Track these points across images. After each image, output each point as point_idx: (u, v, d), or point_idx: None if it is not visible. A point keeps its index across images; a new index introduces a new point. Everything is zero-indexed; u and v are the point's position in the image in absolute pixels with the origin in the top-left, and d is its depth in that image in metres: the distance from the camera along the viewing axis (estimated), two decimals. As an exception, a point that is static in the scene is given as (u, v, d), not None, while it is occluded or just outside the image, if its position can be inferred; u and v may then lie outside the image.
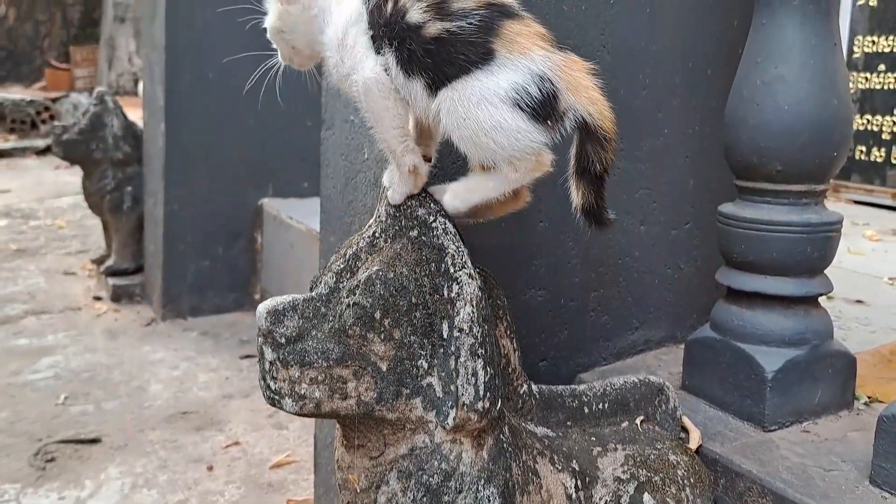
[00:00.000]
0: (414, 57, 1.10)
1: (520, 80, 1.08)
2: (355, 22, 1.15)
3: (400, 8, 1.12)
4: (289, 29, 1.23)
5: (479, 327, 1.11)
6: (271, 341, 1.08)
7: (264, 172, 3.69)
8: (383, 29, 1.12)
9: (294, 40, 1.24)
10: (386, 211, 1.17)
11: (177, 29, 3.42)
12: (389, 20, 1.12)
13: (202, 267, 3.64)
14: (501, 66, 1.08)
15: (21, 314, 3.59)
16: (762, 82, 1.41)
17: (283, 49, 1.26)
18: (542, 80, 1.09)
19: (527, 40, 1.10)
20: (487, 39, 1.09)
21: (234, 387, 2.88)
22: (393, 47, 1.11)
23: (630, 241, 1.74)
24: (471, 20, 1.09)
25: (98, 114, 3.85)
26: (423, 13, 1.10)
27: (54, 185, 6.66)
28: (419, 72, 1.11)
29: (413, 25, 1.10)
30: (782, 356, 1.43)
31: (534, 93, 1.08)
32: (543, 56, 1.10)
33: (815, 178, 1.42)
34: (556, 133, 1.12)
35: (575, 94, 1.11)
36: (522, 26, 1.12)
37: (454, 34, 1.09)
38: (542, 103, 1.09)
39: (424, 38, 1.10)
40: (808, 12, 1.38)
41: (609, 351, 1.76)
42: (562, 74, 1.10)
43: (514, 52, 1.09)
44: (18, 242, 4.83)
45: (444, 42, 1.09)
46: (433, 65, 1.10)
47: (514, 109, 1.08)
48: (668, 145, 1.76)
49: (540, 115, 1.09)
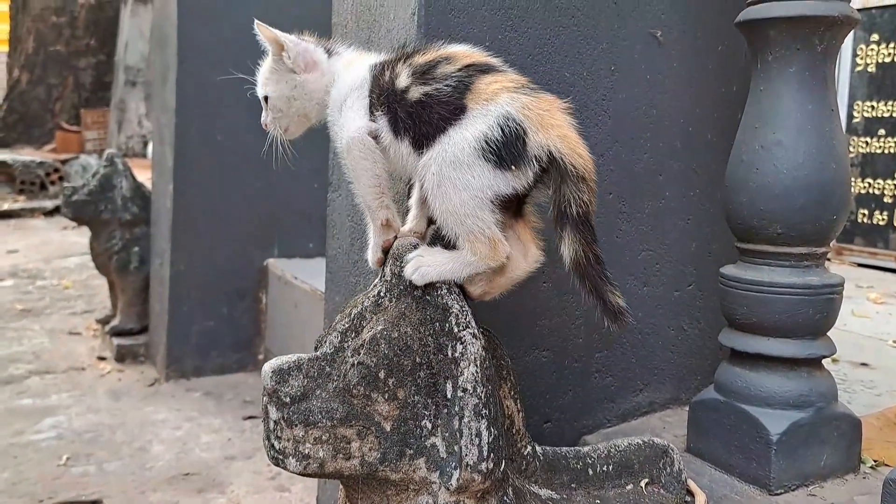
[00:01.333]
0: (399, 119, 1.16)
1: (484, 126, 1.11)
2: (359, 87, 1.22)
3: (394, 75, 1.19)
4: (302, 96, 1.28)
5: (482, 387, 1.11)
6: (276, 400, 1.09)
7: (270, 233, 3.71)
8: (379, 95, 1.19)
9: (304, 107, 1.29)
10: (391, 271, 1.19)
11: (187, 92, 3.48)
12: (384, 86, 1.19)
13: (206, 327, 3.65)
14: (469, 118, 1.12)
15: (25, 374, 3.59)
16: (761, 147, 1.43)
17: (285, 118, 1.31)
18: (506, 121, 1.10)
19: (496, 87, 1.13)
20: (461, 97, 1.13)
21: (236, 448, 2.86)
22: (383, 111, 1.18)
23: (633, 303, 1.75)
24: (448, 82, 1.14)
25: (108, 175, 3.90)
26: (408, 78, 1.17)
27: (61, 246, 6.69)
28: (404, 132, 1.16)
29: (400, 90, 1.17)
30: (787, 418, 1.42)
31: (496, 135, 1.10)
32: (509, 98, 1.12)
33: (816, 240, 1.44)
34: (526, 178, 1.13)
35: (544, 132, 1.12)
36: (496, 77, 1.15)
37: (431, 97, 1.14)
38: (506, 145, 1.10)
39: (408, 102, 1.16)
40: (805, 79, 1.41)
41: (613, 412, 1.75)
42: (529, 113, 1.12)
43: (481, 101, 1.12)
44: (24, 302, 4.84)
45: (423, 105, 1.15)
46: (413, 126, 1.15)
47: (480, 162, 1.10)
48: (670, 208, 1.78)
49: (506, 161, 1.11)
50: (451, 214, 1.13)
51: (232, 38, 3.46)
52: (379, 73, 1.21)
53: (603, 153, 1.66)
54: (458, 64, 1.17)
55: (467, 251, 1.14)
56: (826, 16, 1.38)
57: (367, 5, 1.64)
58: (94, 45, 12.07)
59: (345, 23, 1.74)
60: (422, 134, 1.15)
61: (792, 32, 1.40)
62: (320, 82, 1.28)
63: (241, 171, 3.58)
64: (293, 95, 1.29)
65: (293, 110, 1.31)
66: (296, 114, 1.31)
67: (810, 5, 1.38)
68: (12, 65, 12.37)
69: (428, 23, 1.43)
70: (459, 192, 1.11)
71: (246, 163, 3.57)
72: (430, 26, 1.43)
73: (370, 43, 1.62)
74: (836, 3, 1.38)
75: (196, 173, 3.53)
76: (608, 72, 1.65)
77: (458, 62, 1.17)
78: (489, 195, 1.12)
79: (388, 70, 1.20)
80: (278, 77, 1.30)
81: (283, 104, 1.31)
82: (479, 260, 1.15)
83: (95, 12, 12.00)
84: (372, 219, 1.23)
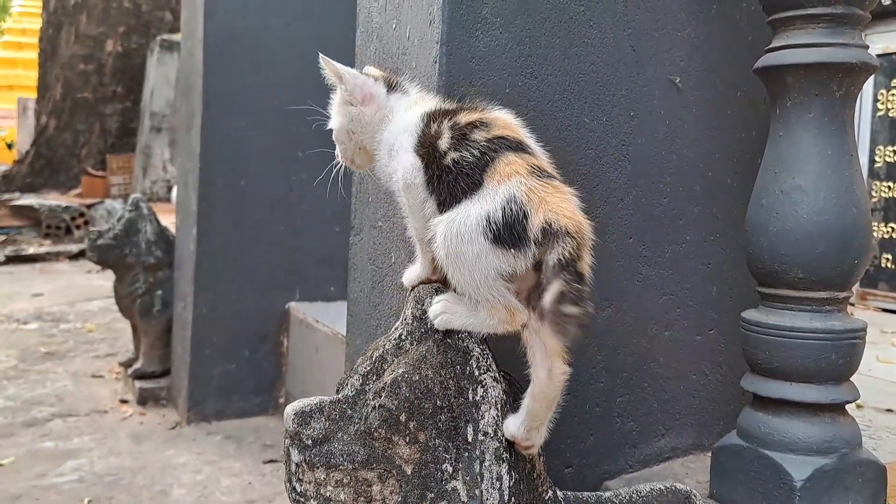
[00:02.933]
0: (432, 179, 1.18)
1: (489, 206, 1.12)
2: (409, 132, 1.24)
3: (439, 132, 1.20)
4: (359, 129, 1.32)
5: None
6: (298, 443, 1.09)
7: (292, 276, 3.74)
8: (422, 146, 1.20)
9: (363, 140, 1.33)
10: (412, 314, 1.20)
11: (211, 138, 3.53)
12: (428, 140, 1.20)
13: (228, 370, 3.66)
14: (480, 195, 1.13)
15: (48, 417, 3.61)
16: (781, 192, 1.44)
17: (348, 149, 1.35)
18: (509, 203, 1.11)
19: (511, 168, 1.14)
20: (482, 171, 1.14)
21: (256, 492, 2.85)
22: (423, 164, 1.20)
23: (654, 347, 1.75)
24: (473, 151, 1.15)
25: (132, 219, 3.95)
26: (448, 141, 1.18)
27: (85, 289, 6.75)
28: (433, 192, 1.18)
29: (440, 152, 1.18)
30: (811, 465, 1.41)
31: (498, 216, 1.10)
32: (518, 182, 1.12)
33: (837, 285, 1.43)
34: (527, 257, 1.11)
35: (542, 210, 1.11)
36: (517, 157, 1.15)
37: (458, 164, 1.15)
38: (506, 226, 1.10)
39: (441, 165, 1.17)
40: (824, 125, 1.42)
41: (635, 458, 1.74)
42: (533, 196, 1.12)
43: (494, 181, 1.13)
44: (48, 345, 4.88)
45: (450, 171, 1.16)
46: (440, 189, 1.17)
47: (483, 240, 1.11)
48: (690, 252, 1.78)
49: (505, 241, 1.11)
50: (467, 284, 1.14)
51: (256, 85, 3.52)
52: (428, 124, 1.23)
53: (623, 198, 1.67)
54: (491, 133, 1.18)
55: (486, 315, 1.16)
56: (844, 62, 1.39)
57: (389, 52, 1.67)
58: (120, 91, 12.29)
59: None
60: (444, 199, 1.17)
61: (810, 79, 1.42)
62: (375, 116, 1.31)
63: (264, 216, 3.62)
64: (351, 128, 1.33)
65: (352, 143, 1.34)
66: (356, 146, 1.35)
67: (828, 52, 1.39)
68: (40, 111, 12.61)
69: (449, 70, 1.46)
70: (468, 266, 1.13)
71: (268, 207, 3.61)
72: (451, 74, 1.46)
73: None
74: (855, 49, 1.40)
75: (219, 218, 3.57)
76: (627, 118, 1.67)
77: (492, 130, 1.18)
78: (493, 273, 1.12)
79: (436, 123, 1.22)
80: (339, 109, 1.34)
81: (343, 136, 1.35)
82: (498, 324, 1.16)
83: (122, 60, 12.23)
84: (423, 252, 1.25)
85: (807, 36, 1.41)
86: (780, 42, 1.45)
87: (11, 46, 16.61)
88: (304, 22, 3.62)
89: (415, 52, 1.56)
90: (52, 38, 12.47)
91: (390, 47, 1.67)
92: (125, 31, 12.21)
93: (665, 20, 1.70)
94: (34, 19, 15.48)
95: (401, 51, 1.62)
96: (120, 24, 12.21)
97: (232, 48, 3.53)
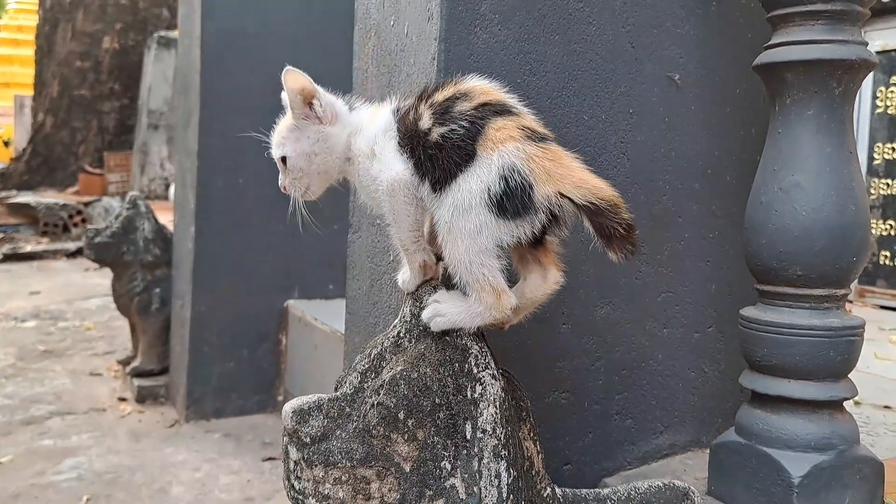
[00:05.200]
0: (420, 161, 1.16)
1: (487, 177, 1.11)
2: (385, 130, 1.22)
3: (417, 116, 1.18)
4: (324, 151, 1.27)
5: (502, 429, 1.11)
6: (296, 441, 1.09)
7: (291, 275, 3.73)
8: (404, 136, 1.19)
9: (325, 162, 1.28)
10: (410, 311, 1.20)
11: (209, 136, 3.53)
12: (408, 128, 1.19)
13: (227, 369, 3.66)
14: (476, 166, 1.12)
15: (46, 415, 3.61)
16: (780, 189, 1.44)
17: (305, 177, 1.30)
18: (510, 173, 1.10)
19: (503, 134, 1.13)
20: (472, 142, 1.13)
21: (255, 490, 2.85)
22: (409, 154, 1.18)
23: (653, 345, 1.75)
24: (462, 122, 1.14)
25: (130, 217, 3.94)
26: (429, 119, 1.17)
27: (83, 287, 6.75)
28: (424, 175, 1.16)
29: (423, 132, 1.17)
30: (808, 461, 1.41)
31: (499, 187, 1.10)
32: (514, 148, 1.12)
33: (836, 282, 1.43)
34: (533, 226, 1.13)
35: (555, 183, 1.11)
36: (507, 121, 1.15)
37: (447, 138, 1.14)
38: (509, 198, 1.10)
39: (429, 143, 1.15)
40: (823, 122, 1.42)
41: (634, 455, 1.74)
42: (535, 166, 1.11)
43: (488, 149, 1.12)
44: (46, 343, 4.88)
45: (440, 147, 1.14)
46: (432, 168, 1.15)
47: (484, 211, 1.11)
48: (689, 250, 1.78)
49: (508, 211, 1.11)
50: (459, 262, 1.13)
51: (254, 83, 3.52)
52: (403, 116, 1.21)
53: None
54: (473, 101, 1.16)
55: (474, 301, 1.14)
56: (843, 59, 1.39)
57: (388, 50, 1.67)
58: (117, 89, 12.28)
59: (365, 67, 1.77)
60: (438, 177, 1.15)
61: (809, 76, 1.41)
62: (342, 135, 1.28)
63: (262, 214, 3.61)
64: (314, 151, 1.27)
65: (314, 167, 1.29)
66: (316, 171, 1.29)
67: (827, 49, 1.39)
68: (37, 108, 12.59)
69: (448, 68, 1.46)
70: (465, 239, 1.12)
71: (266, 205, 3.60)
72: (449, 70, 1.46)
73: (390, 87, 1.65)
74: (854, 46, 1.40)
75: (217, 216, 3.56)
76: (626, 115, 1.67)
77: (474, 99, 1.17)
78: (492, 243, 1.12)
79: (412, 111, 1.20)
80: (298, 134, 1.28)
81: (303, 162, 1.28)
82: (485, 310, 1.14)
83: (120, 57, 12.22)
84: (409, 262, 1.23)
85: (806, 33, 1.41)
86: (779, 39, 1.45)
87: (8, 43, 16.57)
88: (303, 19, 3.61)
89: (413, 48, 1.56)
90: (49, 35, 12.45)
91: (388, 44, 1.66)
92: (122, 28, 12.20)
93: (664, 17, 1.70)
94: (30, 16, 15.46)
95: (399, 47, 1.62)
96: (117, 20, 12.20)
97: (230, 46, 3.52)
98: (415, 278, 1.24)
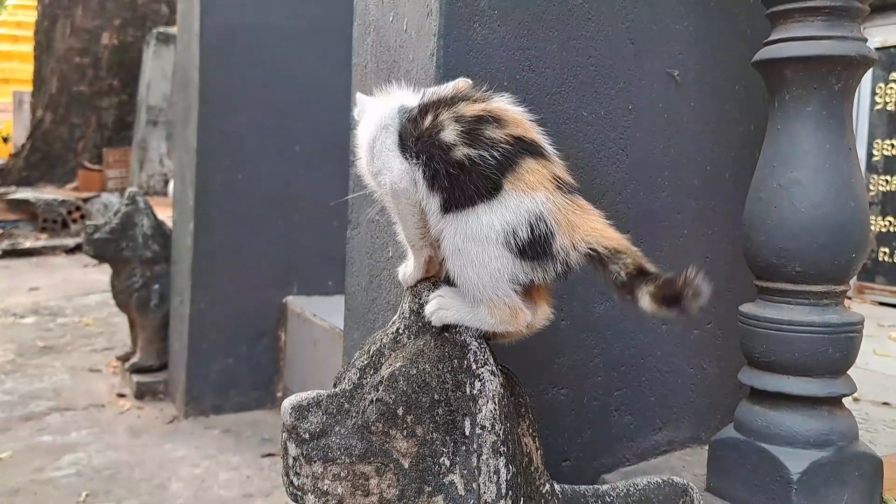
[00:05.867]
0: (438, 175, 1.12)
1: (513, 219, 1.09)
2: (385, 126, 1.19)
3: (437, 124, 1.14)
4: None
5: (501, 425, 1.11)
6: (295, 437, 1.09)
7: (290, 271, 3.73)
8: (416, 140, 1.15)
9: None
10: (409, 307, 1.20)
11: (209, 132, 3.52)
12: (423, 134, 1.14)
13: (226, 365, 3.66)
14: (502, 204, 1.10)
15: (46, 411, 3.61)
16: (779, 185, 1.44)
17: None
18: (537, 221, 1.09)
19: (536, 179, 1.11)
20: (501, 175, 1.10)
21: (254, 486, 2.85)
22: (422, 161, 1.14)
23: (652, 341, 1.75)
24: (493, 152, 1.11)
25: (129, 213, 3.94)
26: (456, 135, 1.12)
27: (82, 283, 6.75)
28: (438, 189, 1.13)
29: (445, 145, 1.12)
30: (807, 458, 1.41)
31: (525, 233, 1.09)
32: (544, 198, 1.10)
33: (835, 278, 1.43)
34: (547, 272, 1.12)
35: (572, 233, 1.11)
36: (539, 166, 1.12)
37: (474, 163, 1.11)
38: (531, 243, 1.09)
39: (450, 160, 1.12)
40: (822, 118, 1.42)
41: (633, 451, 1.74)
42: (560, 217, 1.11)
43: (518, 190, 1.10)
44: (45, 340, 4.88)
45: (464, 168, 1.11)
46: (450, 187, 1.12)
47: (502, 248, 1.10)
48: (688, 246, 1.78)
49: (528, 255, 1.10)
50: (468, 283, 1.13)
51: (253, 79, 3.52)
52: (418, 116, 1.17)
53: (621, 191, 1.67)
54: (506, 130, 1.13)
55: (486, 312, 1.14)
56: (843, 56, 1.39)
57: (387, 46, 1.66)
58: (116, 85, 12.25)
59: (364, 63, 1.77)
60: (454, 197, 1.12)
61: (808, 72, 1.41)
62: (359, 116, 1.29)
63: (261, 210, 3.61)
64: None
65: None
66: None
67: (826, 45, 1.39)
68: (36, 105, 12.57)
69: (447, 63, 1.46)
70: (476, 267, 1.11)
71: (265, 201, 3.60)
72: (448, 67, 1.45)
73: (389, 84, 1.64)
74: (853, 42, 1.39)
75: (216, 212, 3.56)
76: (625, 111, 1.67)
77: (506, 128, 1.13)
78: (506, 277, 1.11)
79: (430, 115, 1.16)
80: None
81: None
82: (497, 322, 1.14)
83: (119, 53, 12.20)
84: (416, 257, 1.23)
85: (805, 29, 1.41)
86: (778, 35, 1.45)
87: (7, 39, 16.53)
88: (302, 15, 3.61)
89: (412, 44, 1.55)
90: (48, 31, 12.42)
91: (387, 40, 1.66)
92: (121, 24, 12.17)
93: (663, 13, 1.70)
94: (29, 12, 15.42)
95: (398, 43, 1.62)
96: (116, 16, 12.16)
97: (229, 42, 3.52)
98: (416, 273, 1.24)
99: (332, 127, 3.46)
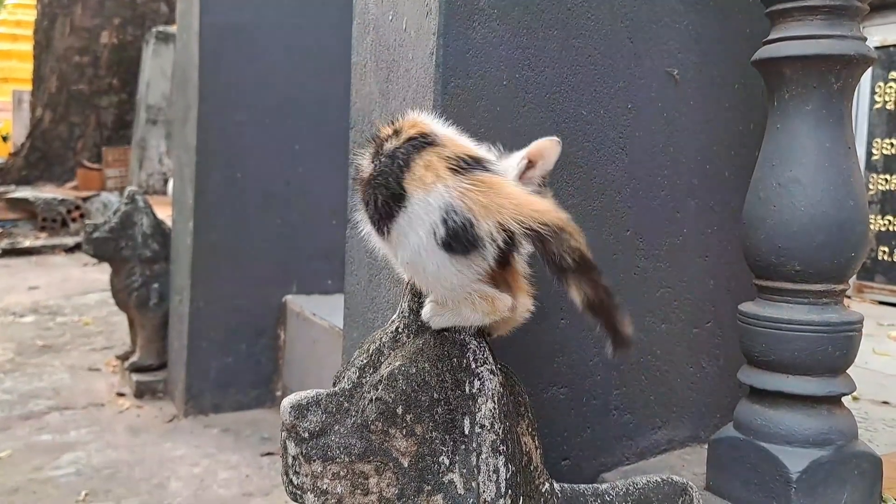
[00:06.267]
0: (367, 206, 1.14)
1: (430, 220, 1.07)
2: None
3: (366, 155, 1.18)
4: None
5: (500, 424, 1.11)
6: (295, 436, 1.09)
7: (289, 270, 3.73)
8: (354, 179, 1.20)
9: None
10: (409, 306, 1.20)
11: (208, 131, 3.52)
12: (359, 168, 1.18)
13: (225, 364, 3.65)
14: (413, 208, 1.08)
15: (45, 410, 3.61)
16: (778, 184, 1.44)
17: None
18: (448, 215, 1.06)
19: (432, 172, 1.08)
20: (400, 179, 1.09)
21: (254, 485, 2.85)
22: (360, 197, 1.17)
23: (651, 340, 1.75)
24: (383, 160, 1.11)
25: (128, 212, 3.94)
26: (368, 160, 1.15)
27: (82, 282, 6.74)
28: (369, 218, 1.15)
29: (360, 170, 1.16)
30: (807, 457, 1.41)
31: (442, 232, 1.06)
32: (445, 189, 1.06)
33: (834, 277, 1.43)
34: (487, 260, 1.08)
35: (495, 215, 1.06)
36: (432, 155, 1.10)
37: (375, 179, 1.11)
38: (455, 238, 1.06)
39: (363, 182, 1.14)
40: (822, 117, 1.42)
41: (632, 450, 1.74)
42: (470, 202, 1.06)
43: (420, 189, 1.07)
44: (45, 338, 4.88)
45: (371, 185, 1.12)
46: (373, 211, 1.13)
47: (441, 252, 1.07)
48: (688, 245, 1.78)
49: (458, 250, 1.07)
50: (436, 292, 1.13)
51: (252, 78, 3.51)
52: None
53: (620, 190, 1.67)
54: (402, 137, 1.12)
55: (469, 310, 1.13)
56: (842, 55, 1.39)
57: (386, 45, 1.66)
58: (116, 84, 12.25)
59: (364, 62, 1.77)
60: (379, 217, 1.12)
61: (808, 71, 1.41)
62: None
63: (261, 209, 3.61)
64: None
65: None
66: None
67: (826, 44, 1.39)
68: (35, 103, 12.56)
69: (446, 62, 1.45)
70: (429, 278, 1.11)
71: (265, 200, 3.60)
72: (447, 66, 1.45)
73: (389, 83, 1.65)
74: (852, 41, 1.39)
75: (216, 211, 3.56)
76: (625, 110, 1.67)
77: (402, 135, 1.13)
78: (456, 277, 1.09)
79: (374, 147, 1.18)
80: None
81: None
82: (483, 315, 1.14)
83: (118, 52, 12.19)
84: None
85: (805, 28, 1.41)
86: (777, 34, 1.45)
87: (6, 38, 16.52)
88: (301, 14, 3.60)
89: (411, 43, 1.55)
90: (47, 30, 12.42)
91: (387, 39, 1.66)
92: (120, 23, 12.16)
93: (663, 12, 1.70)
94: (29, 11, 15.41)
95: (397, 42, 1.62)
96: (115, 15, 12.16)
97: (228, 41, 3.52)
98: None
99: (331, 125, 3.47)
